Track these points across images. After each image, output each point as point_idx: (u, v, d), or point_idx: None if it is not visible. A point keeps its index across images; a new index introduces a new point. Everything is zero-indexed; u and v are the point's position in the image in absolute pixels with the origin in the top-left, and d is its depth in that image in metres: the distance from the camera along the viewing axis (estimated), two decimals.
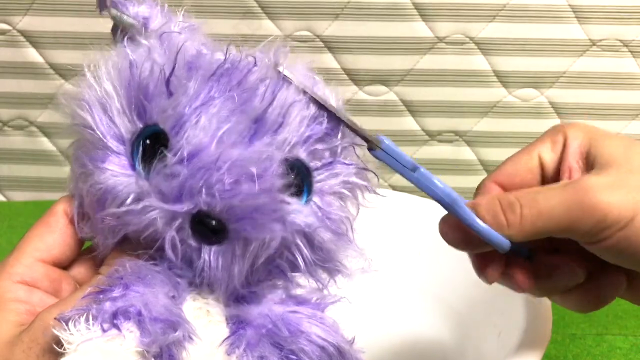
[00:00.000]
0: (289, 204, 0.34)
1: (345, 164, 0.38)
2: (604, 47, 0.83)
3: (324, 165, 0.37)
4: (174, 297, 0.35)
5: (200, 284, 0.35)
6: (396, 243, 0.65)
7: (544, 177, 0.43)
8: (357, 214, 0.39)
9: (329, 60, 0.83)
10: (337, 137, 0.38)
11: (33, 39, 0.84)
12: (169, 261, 0.35)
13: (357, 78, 0.85)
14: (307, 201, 0.37)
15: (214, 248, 0.34)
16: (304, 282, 0.38)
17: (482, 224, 0.39)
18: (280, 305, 0.36)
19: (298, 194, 0.36)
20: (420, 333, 0.62)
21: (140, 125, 0.35)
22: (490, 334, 0.55)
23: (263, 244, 0.34)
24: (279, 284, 0.37)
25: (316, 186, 0.37)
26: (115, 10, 0.37)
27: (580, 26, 0.82)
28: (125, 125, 0.35)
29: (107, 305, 0.32)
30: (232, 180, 0.33)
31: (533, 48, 0.83)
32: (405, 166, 0.39)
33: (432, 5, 0.81)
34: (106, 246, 0.37)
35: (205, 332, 0.35)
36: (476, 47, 0.83)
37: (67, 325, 0.32)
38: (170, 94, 0.34)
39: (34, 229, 0.38)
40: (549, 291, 0.42)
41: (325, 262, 0.37)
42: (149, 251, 0.35)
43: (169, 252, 0.34)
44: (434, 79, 0.85)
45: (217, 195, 0.33)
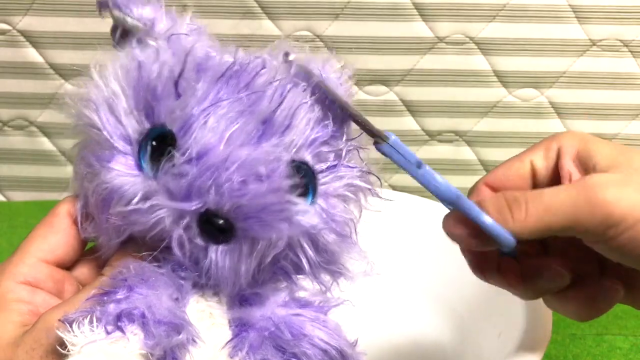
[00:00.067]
0: (296, 204, 0.34)
1: (350, 166, 0.38)
2: (604, 47, 0.83)
3: (329, 168, 0.38)
4: (177, 299, 0.35)
5: (207, 283, 0.35)
6: (396, 244, 0.65)
7: (535, 184, 0.42)
8: (360, 216, 0.39)
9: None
10: (342, 140, 0.38)
11: (33, 39, 0.84)
12: (173, 263, 0.35)
13: (357, 78, 0.85)
14: (312, 203, 0.37)
15: (221, 247, 0.34)
16: (307, 285, 0.38)
17: (488, 219, 0.39)
18: (283, 308, 0.36)
19: (303, 195, 0.36)
20: (420, 334, 0.63)
21: (147, 125, 0.35)
22: (490, 334, 0.55)
23: (270, 243, 0.34)
24: (283, 286, 0.37)
25: (321, 188, 0.37)
26: (119, 12, 0.37)
27: (580, 26, 0.82)
28: (133, 126, 0.35)
29: (111, 308, 0.32)
30: (240, 179, 0.33)
31: (533, 48, 0.83)
32: (410, 162, 0.39)
33: (432, 5, 0.81)
34: (110, 247, 0.37)
35: (209, 335, 0.35)
36: (476, 47, 0.83)
37: (70, 327, 0.32)
38: (179, 96, 0.34)
39: (37, 229, 0.38)
40: (537, 292, 0.42)
41: (329, 264, 0.37)
42: (153, 252, 0.35)
43: (176, 250, 0.34)
44: (434, 79, 0.85)
45: (226, 194, 0.33)
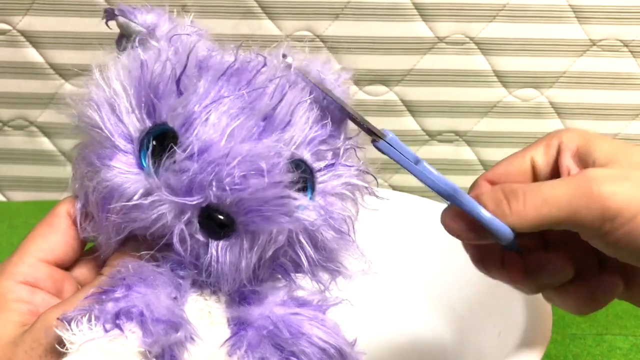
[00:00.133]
0: (295, 199, 0.35)
1: (347, 165, 0.39)
2: (604, 47, 0.83)
3: (327, 166, 0.38)
4: (176, 298, 0.35)
5: (207, 280, 0.35)
6: (395, 243, 0.65)
7: (535, 180, 0.42)
8: (358, 214, 0.39)
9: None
10: (340, 139, 0.39)
11: (33, 39, 0.84)
12: (172, 262, 0.35)
13: (357, 78, 0.85)
14: (311, 200, 0.37)
15: (221, 243, 0.34)
16: (305, 285, 0.38)
17: (485, 213, 0.39)
18: (282, 307, 0.36)
19: (302, 192, 0.36)
20: (420, 333, 0.63)
21: (149, 123, 0.35)
22: (490, 334, 0.55)
23: (270, 237, 0.34)
24: (281, 285, 0.37)
25: (319, 187, 0.37)
26: (124, 19, 0.38)
27: (580, 26, 0.82)
28: (134, 124, 0.36)
29: (110, 306, 0.33)
30: (241, 174, 0.33)
31: (533, 48, 0.83)
32: (408, 159, 0.39)
33: (432, 5, 0.81)
34: (109, 245, 0.37)
35: (207, 333, 0.35)
36: (476, 47, 0.83)
37: (69, 325, 0.32)
38: (180, 93, 0.35)
39: (36, 229, 0.39)
40: (539, 287, 0.42)
41: (327, 262, 0.38)
42: (152, 252, 0.35)
43: (177, 246, 0.34)
44: (434, 79, 0.85)
45: (227, 188, 0.33)
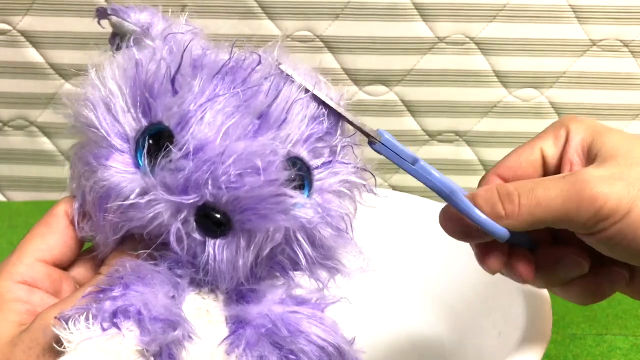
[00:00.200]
0: (292, 196, 0.35)
1: (344, 163, 0.39)
2: (604, 47, 0.83)
3: (324, 164, 0.38)
4: (173, 297, 0.35)
5: (204, 279, 0.35)
6: (396, 243, 0.65)
7: (545, 171, 0.43)
8: (356, 212, 0.39)
9: (329, 60, 0.83)
10: (336, 136, 0.38)
11: (33, 39, 0.84)
12: (170, 261, 0.35)
13: (357, 78, 0.85)
14: (308, 198, 0.37)
15: (218, 241, 0.34)
16: (304, 283, 0.38)
17: (480, 214, 0.39)
18: (280, 305, 0.36)
19: (299, 190, 0.36)
20: (420, 333, 0.62)
21: (144, 123, 0.35)
22: (490, 333, 0.55)
23: (267, 235, 0.34)
24: (280, 283, 0.37)
25: (316, 184, 0.37)
26: (117, 19, 0.38)
27: (580, 26, 0.82)
28: (130, 124, 0.36)
29: (107, 305, 0.33)
30: (237, 172, 0.33)
31: (533, 48, 0.83)
32: (404, 159, 0.39)
33: (432, 5, 0.81)
34: (107, 245, 0.37)
35: (205, 332, 0.35)
36: (476, 47, 0.83)
37: (67, 324, 0.32)
38: (176, 92, 0.35)
39: (34, 229, 0.39)
40: (552, 282, 0.42)
41: (325, 260, 0.37)
42: (149, 251, 0.35)
43: (174, 245, 0.34)
44: (434, 79, 0.85)
45: (223, 186, 0.33)
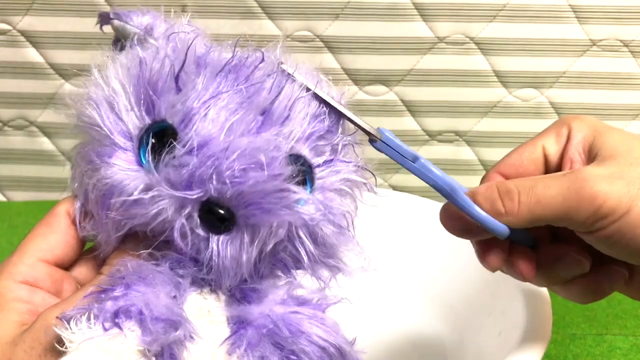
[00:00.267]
0: (295, 192, 0.35)
1: (345, 161, 0.39)
2: (604, 47, 0.83)
3: (325, 162, 0.38)
4: (175, 297, 0.35)
5: (207, 276, 0.36)
6: (396, 243, 0.65)
7: (547, 169, 0.43)
8: (357, 211, 0.39)
9: (329, 60, 0.83)
10: (338, 135, 0.39)
11: (33, 39, 0.84)
12: (171, 261, 0.35)
13: (357, 78, 0.85)
14: (310, 194, 0.37)
15: (222, 237, 0.34)
16: (305, 283, 0.38)
17: (480, 212, 0.39)
18: (281, 306, 0.36)
19: (302, 186, 0.36)
20: (420, 333, 0.63)
21: (148, 121, 0.36)
22: (490, 333, 0.55)
23: (271, 230, 0.34)
24: (281, 284, 0.37)
25: (317, 182, 0.37)
26: (119, 22, 0.38)
27: (580, 26, 0.82)
28: (133, 122, 0.36)
29: (109, 305, 0.33)
30: (241, 167, 0.33)
31: (533, 48, 0.83)
32: (405, 157, 0.39)
33: (432, 5, 0.81)
34: (109, 244, 0.37)
35: (207, 332, 0.35)
36: (476, 47, 0.83)
37: (68, 324, 0.32)
38: (179, 90, 0.35)
39: (36, 229, 0.39)
40: (552, 281, 0.42)
41: (327, 258, 0.38)
42: (151, 250, 0.35)
43: (178, 241, 0.34)
44: (434, 79, 0.85)
45: (227, 182, 0.33)
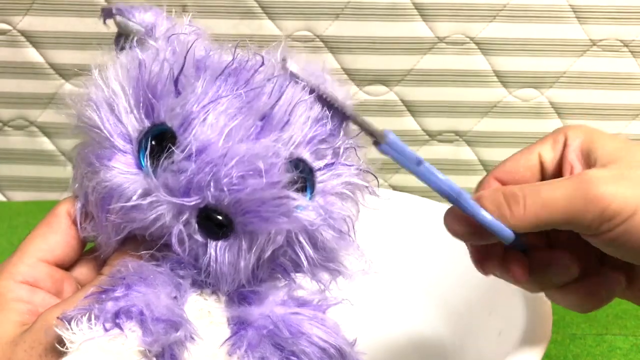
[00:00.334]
0: (294, 199, 0.35)
1: (347, 165, 0.39)
2: (604, 47, 0.83)
3: (327, 165, 0.38)
4: (175, 298, 0.35)
5: (206, 280, 0.36)
6: (396, 243, 0.65)
7: (543, 176, 0.43)
8: (358, 214, 0.39)
9: (329, 60, 0.83)
10: (339, 138, 0.38)
11: (33, 39, 0.84)
12: (172, 261, 0.35)
13: (357, 78, 0.85)
14: (310, 200, 0.37)
15: (220, 243, 0.34)
16: (305, 284, 0.38)
17: (486, 215, 0.39)
18: (282, 307, 0.36)
19: (301, 192, 0.36)
20: (420, 333, 0.62)
21: (147, 124, 0.35)
22: (490, 333, 0.55)
23: (269, 237, 0.34)
24: (281, 285, 0.37)
25: (318, 186, 0.37)
26: (122, 18, 0.38)
27: (581, 26, 0.82)
28: (133, 124, 0.36)
29: (109, 305, 0.33)
30: (239, 174, 0.33)
31: (533, 48, 0.83)
32: (409, 160, 0.39)
33: (432, 5, 0.81)
34: (109, 245, 0.37)
35: (207, 333, 0.35)
36: (476, 47, 0.83)
37: (69, 324, 0.32)
38: (179, 93, 0.35)
39: (36, 229, 0.39)
40: (544, 285, 0.42)
41: (327, 262, 0.37)
42: (152, 251, 0.35)
43: (176, 246, 0.34)
44: (434, 79, 0.85)
45: (225, 189, 0.33)
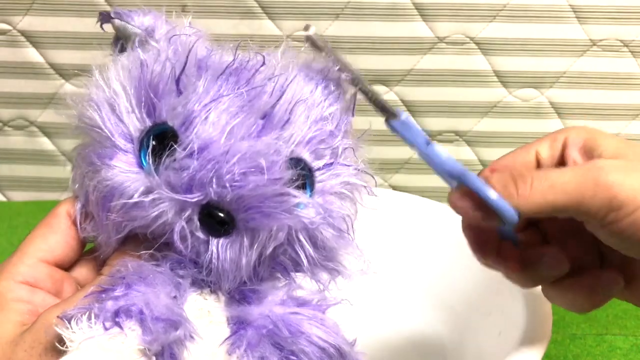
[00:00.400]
0: (295, 196, 0.35)
1: (345, 165, 0.39)
2: (604, 47, 0.83)
3: (325, 165, 0.38)
4: (175, 297, 0.35)
5: (207, 277, 0.36)
6: (396, 243, 0.65)
7: None
8: (357, 214, 0.39)
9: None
10: (338, 138, 0.39)
11: (33, 39, 0.84)
12: (172, 261, 0.35)
13: None
14: (310, 198, 0.37)
15: (222, 240, 0.34)
16: (305, 284, 0.38)
17: (492, 193, 0.39)
18: (281, 306, 0.36)
19: (302, 190, 0.36)
20: (420, 333, 0.63)
21: (149, 123, 0.36)
22: (490, 333, 0.55)
23: (270, 234, 0.35)
24: (281, 285, 0.38)
25: (318, 186, 0.37)
26: (120, 22, 0.38)
27: (581, 26, 0.82)
28: (134, 124, 0.36)
29: (109, 304, 0.33)
30: (241, 171, 0.33)
31: (533, 48, 0.83)
32: (419, 139, 0.39)
33: (432, 5, 0.81)
34: (109, 245, 0.37)
35: (207, 332, 0.35)
36: (476, 47, 0.83)
37: (69, 323, 0.32)
38: (180, 93, 0.35)
39: (36, 230, 0.39)
40: (536, 280, 0.42)
41: (326, 261, 0.38)
42: (151, 251, 0.35)
43: (178, 243, 0.34)
44: (434, 79, 0.85)
45: (227, 185, 0.33)
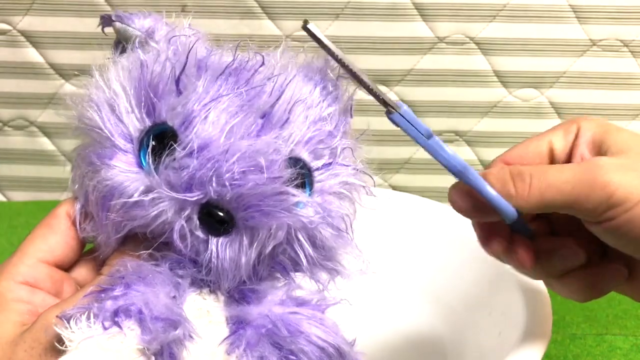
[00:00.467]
0: (294, 195, 0.35)
1: (344, 165, 0.39)
2: (604, 47, 0.83)
3: (324, 165, 0.38)
4: (174, 297, 0.35)
5: (207, 276, 0.36)
6: (396, 243, 0.65)
7: (551, 164, 0.43)
8: (355, 213, 0.40)
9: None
10: (337, 138, 0.39)
11: (33, 39, 0.84)
12: (171, 261, 0.35)
13: None
14: (309, 197, 0.37)
15: (221, 239, 0.35)
16: (304, 284, 0.38)
17: (491, 191, 0.39)
18: (280, 306, 0.36)
19: (301, 189, 0.36)
20: (420, 333, 0.63)
21: (149, 123, 0.36)
22: (490, 333, 0.55)
23: (270, 233, 0.35)
24: (280, 285, 0.38)
25: (317, 186, 0.38)
26: (121, 25, 0.38)
27: (581, 26, 0.82)
28: (134, 124, 0.36)
29: (108, 304, 0.33)
30: (241, 170, 0.33)
31: (533, 48, 0.83)
32: (420, 132, 0.39)
33: (432, 5, 0.81)
34: (109, 245, 0.37)
35: (206, 332, 0.35)
36: (476, 47, 0.83)
37: (68, 323, 0.32)
38: (180, 93, 0.35)
39: (36, 230, 0.39)
40: (549, 272, 0.42)
41: (325, 261, 0.38)
42: (151, 251, 0.35)
43: (177, 242, 0.35)
44: (434, 79, 0.85)
45: (227, 184, 0.33)
